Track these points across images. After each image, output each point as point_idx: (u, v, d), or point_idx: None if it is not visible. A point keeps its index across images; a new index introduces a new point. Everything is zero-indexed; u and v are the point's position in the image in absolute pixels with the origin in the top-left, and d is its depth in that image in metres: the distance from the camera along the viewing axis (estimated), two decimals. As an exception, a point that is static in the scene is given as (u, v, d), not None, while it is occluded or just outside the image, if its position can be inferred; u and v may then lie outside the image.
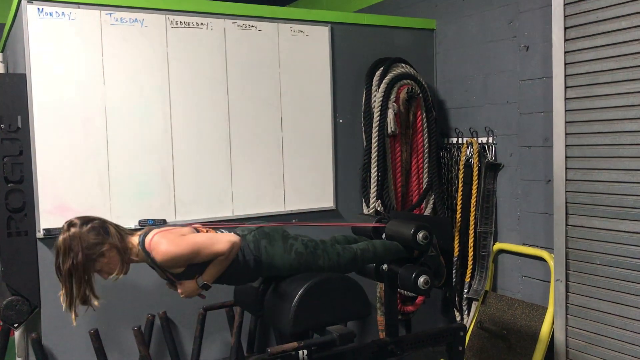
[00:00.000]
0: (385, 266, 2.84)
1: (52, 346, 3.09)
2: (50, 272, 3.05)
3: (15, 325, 3.08)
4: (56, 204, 3.05)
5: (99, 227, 2.31)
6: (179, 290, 2.47)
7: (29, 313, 3.06)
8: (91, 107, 3.13)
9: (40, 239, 3.04)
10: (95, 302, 2.30)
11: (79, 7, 3.08)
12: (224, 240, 2.41)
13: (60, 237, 2.27)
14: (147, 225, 3.25)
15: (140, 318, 3.27)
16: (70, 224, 2.30)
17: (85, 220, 2.32)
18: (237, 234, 2.52)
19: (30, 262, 3.04)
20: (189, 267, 2.40)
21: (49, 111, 3.03)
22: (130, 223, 3.23)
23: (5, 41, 3.89)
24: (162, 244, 2.31)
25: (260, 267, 2.52)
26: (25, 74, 3.00)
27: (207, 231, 2.52)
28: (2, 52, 4.03)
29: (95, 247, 2.27)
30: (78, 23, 3.08)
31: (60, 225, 2.99)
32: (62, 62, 3.06)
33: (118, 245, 2.32)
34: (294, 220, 3.70)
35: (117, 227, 2.38)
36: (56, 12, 3.03)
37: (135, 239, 2.39)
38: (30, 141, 3.01)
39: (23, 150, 3.01)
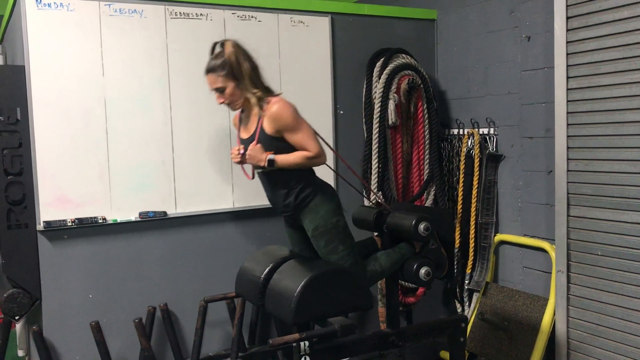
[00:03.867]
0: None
1: (53, 338, 3.09)
2: (50, 264, 3.07)
3: (17, 317, 3.09)
4: (56, 196, 3.04)
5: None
6: (248, 151, 2.64)
7: (30, 305, 3.06)
8: (90, 99, 3.12)
9: (41, 232, 3.03)
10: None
11: (77, -2, 3.06)
12: (321, 146, 2.65)
13: (231, 44, 2.64)
14: (148, 217, 3.25)
15: (141, 310, 3.27)
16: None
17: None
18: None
19: (30, 255, 3.03)
20: (278, 140, 2.62)
21: (48, 103, 3.01)
22: (130, 215, 3.22)
23: (4, 33, 3.87)
24: (283, 102, 2.61)
25: (301, 206, 2.68)
26: (24, 66, 2.98)
27: None
28: (1, 43, 4.01)
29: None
30: (77, 14, 3.06)
31: (60, 218, 3.02)
32: (61, 53, 3.04)
33: (252, 76, 2.63)
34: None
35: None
36: (55, 3, 3.01)
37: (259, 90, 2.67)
38: (29, 133, 3.00)
39: (22, 142, 3.00)
